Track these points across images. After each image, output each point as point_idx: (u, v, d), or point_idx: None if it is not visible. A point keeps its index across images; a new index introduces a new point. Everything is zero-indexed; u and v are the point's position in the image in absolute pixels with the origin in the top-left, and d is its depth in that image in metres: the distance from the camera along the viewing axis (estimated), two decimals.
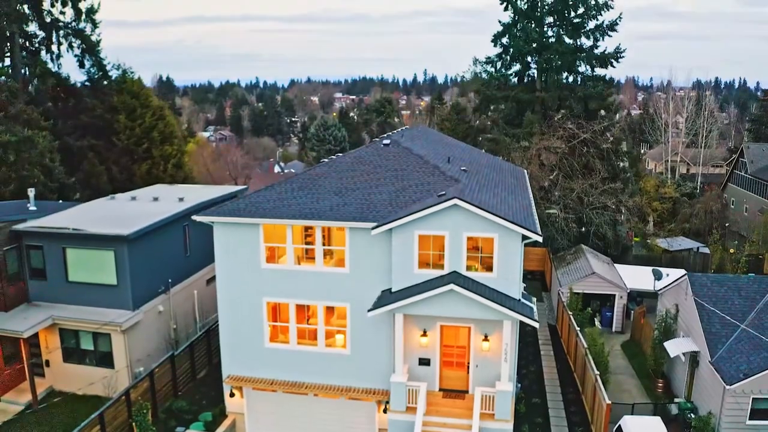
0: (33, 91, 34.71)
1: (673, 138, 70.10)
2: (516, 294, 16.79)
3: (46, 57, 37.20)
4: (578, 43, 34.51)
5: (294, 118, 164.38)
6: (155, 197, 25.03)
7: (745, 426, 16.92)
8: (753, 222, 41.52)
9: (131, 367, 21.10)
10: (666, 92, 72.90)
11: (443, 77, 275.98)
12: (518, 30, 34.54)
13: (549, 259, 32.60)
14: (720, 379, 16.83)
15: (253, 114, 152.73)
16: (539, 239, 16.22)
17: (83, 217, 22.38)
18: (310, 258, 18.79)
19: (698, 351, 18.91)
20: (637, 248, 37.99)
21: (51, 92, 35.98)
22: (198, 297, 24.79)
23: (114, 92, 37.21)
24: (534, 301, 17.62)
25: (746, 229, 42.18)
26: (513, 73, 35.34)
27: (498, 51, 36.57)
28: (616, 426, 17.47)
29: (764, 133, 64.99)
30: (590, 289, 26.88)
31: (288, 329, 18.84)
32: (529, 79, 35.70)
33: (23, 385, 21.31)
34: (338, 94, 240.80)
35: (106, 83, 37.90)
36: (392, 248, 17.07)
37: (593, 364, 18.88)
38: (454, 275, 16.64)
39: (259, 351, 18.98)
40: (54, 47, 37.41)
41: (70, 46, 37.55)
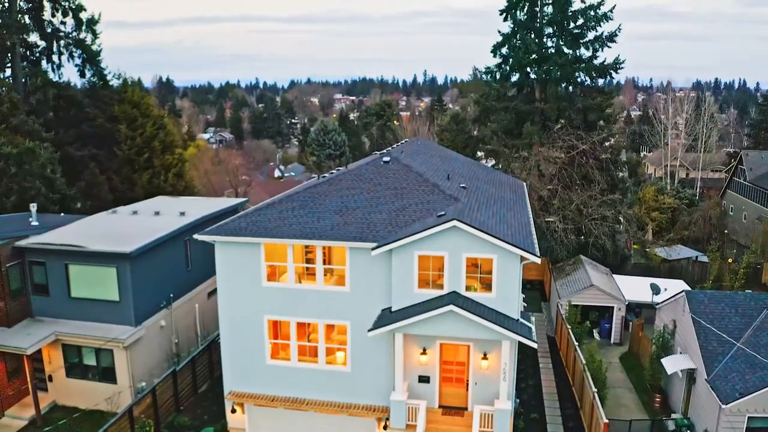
0: (34, 102, 34.82)
1: (673, 139, 70.27)
2: (515, 314, 16.95)
3: (47, 66, 37.43)
4: (577, 54, 34.67)
5: (294, 120, 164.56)
6: (156, 211, 25.17)
7: None
8: (752, 230, 41.70)
9: (133, 382, 21.27)
10: (666, 92, 72.97)
11: (443, 78, 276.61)
12: (518, 40, 34.69)
13: (548, 269, 32.79)
14: (716, 398, 17.00)
15: (253, 116, 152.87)
16: (537, 261, 16.39)
17: (85, 233, 22.54)
18: (311, 274, 18.99)
19: (695, 368, 19.08)
20: (636, 256, 38.14)
21: (52, 101, 36.08)
22: (199, 310, 24.96)
23: (115, 102, 37.36)
24: (533, 321, 17.79)
25: (745, 237, 42.34)
26: (512, 84, 35.43)
27: (497, 61, 36.72)
28: None
29: (764, 138, 65.15)
30: (589, 301, 27.07)
31: (289, 346, 19.04)
32: (529, 90, 35.84)
33: (26, 400, 21.48)
34: (338, 95, 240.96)
35: (107, 92, 38.03)
36: (392, 268, 17.24)
37: (591, 382, 19.06)
38: (454, 295, 16.81)
39: (261, 368, 19.16)
40: (55, 57, 37.64)
41: (71, 56, 37.73)
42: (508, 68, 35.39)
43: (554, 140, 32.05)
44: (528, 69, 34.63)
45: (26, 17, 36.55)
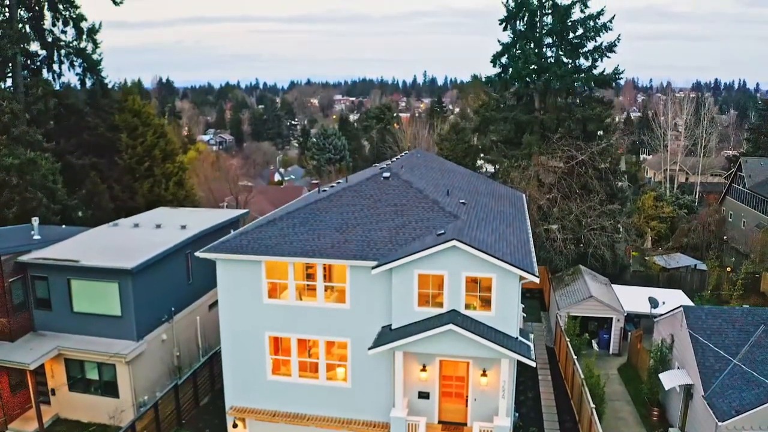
0: (35, 111, 34.92)
1: (673, 141, 70.40)
2: (514, 332, 17.10)
3: (48, 76, 37.54)
4: (577, 64, 34.83)
5: (294, 121, 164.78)
6: (158, 224, 25.32)
7: None
8: (751, 237, 41.82)
9: (135, 396, 21.43)
10: (665, 93, 73.22)
11: (443, 79, 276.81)
12: (517, 50, 34.84)
13: (548, 279, 32.94)
14: (712, 415, 17.15)
15: (253, 118, 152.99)
16: (536, 280, 16.55)
17: (87, 247, 22.70)
18: (312, 289, 19.15)
19: (692, 384, 19.23)
20: (635, 264, 38.31)
21: (53, 110, 36.18)
22: (200, 322, 25.11)
23: (115, 110, 37.49)
24: (531, 338, 17.93)
25: (744, 243, 42.49)
26: (512, 93, 35.51)
27: (497, 70, 36.82)
28: None
29: (763, 143, 65.28)
30: (588, 313, 27.23)
31: (290, 362, 19.20)
32: (528, 99, 35.96)
33: (29, 413, 21.64)
34: (338, 96, 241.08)
35: (107, 101, 38.14)
36: (392, 286, 17.40)
37: (589, 398, 19.21)
38: (453, 314, 16.97)
39: (262, 383, 19.33)
40: (55, 66, 37.75)
41: (72, 65, 37.84)
42: (508, 78, 35.52)
43: (554, 150, 32.21)
44: (527, 79, 34.76)
45: (26, 26, 36.67)
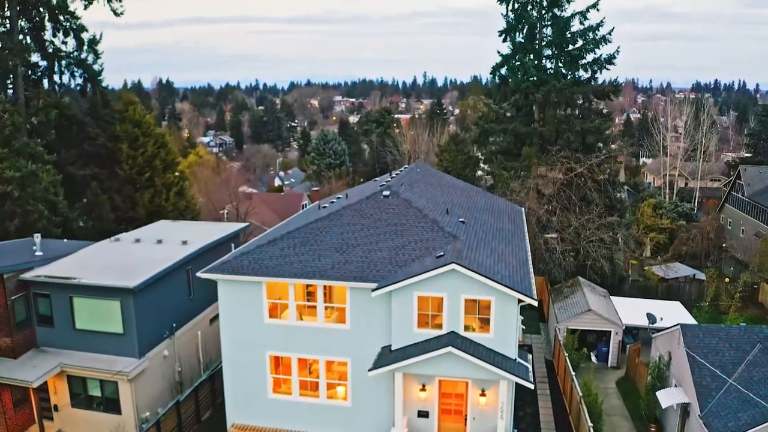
0: (36, 122, 35.05)
1: (673, 143, 70.52)
2: (512, 353, 17.28)
3: (48, 87, 37.58)
4: (576, 76, 34.99)
5: (294, 123, 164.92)
6: (159, 239, 25.46)
7: None
8: (750, 245, 41.99)
9: (138, 413, 21.59)
10: (665, 94, 73.49)
11: (443, 79, 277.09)
12: (516, 61, 34.98)
13: (547, 290, 33.10)
14: None
15: (253, 120, 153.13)
16: (534, 303, 16.72)
17: (88, 264, 22.85)
18: (312, 307, 19.32)
19: (689, 402, 19.40)
20: (634, 273, 38.48)
21: (54, 121, 36.26)
22: (201, 337, 25.25)
23: (116, 121, 37.61)
24: (530, 359, 18.10)
25: (743, 252, 42.66)
26: (511, 104, 35.60)
27: (497, 75, 36.87)
28: None
29: (762, 148, 65.48)
30: (586, 326, 27.41)
31: (290, 380, 19.38)
32: (528, 110, 36.08)
33: (33, 429, 21.84)
34: (338, 98, 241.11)
35: (108, 111, 38.24)
36: (392, 308, 17.58)
37: (587, 416, 19.38)
38: (452, 336, 17.14)
39: (263, 401, 19.52)
40: (56, 76, 37.84)
41: (72, 76, 37.96)
42: (508, 90, 35.64)
43: (553, 162, 32.37)
44: (527, 91, 34.87)
45: (27, 37, 36.76)
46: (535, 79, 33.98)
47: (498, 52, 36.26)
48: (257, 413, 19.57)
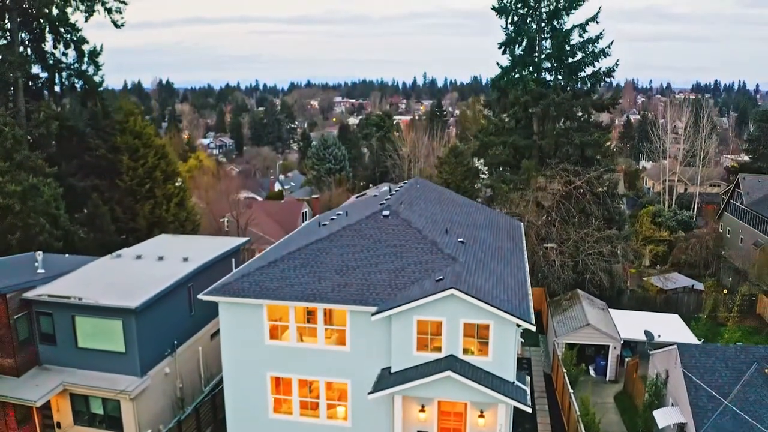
0: (37, 135, 35.17)
1: (672, 144, 70.60)
2: (510, 376, 17.45)
3: (49, 98, 37.73)
4: (575, 88, 35.11)
5: (294, 124, 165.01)
6: (160, 256, 25.61)
7: None
8: (748, 255, 42.13)
9: (140, 430, 21.77)
10: (665, 94, 73.81)
11: (443, 80, 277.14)
12: (515, 74, 35.10)
13: (546, 301, 33.24)
14: None
15: (253, 122, 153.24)
16: (532, 328, 16.88)
17: (90, 282, 23.01)
18: (312, 329, 19.47)
19: (685, 423, 19.58)
20: (633, 283, 38.61)
21: (55, 132, 36.39)
22: (202, 352, 25.43)
23: (117, 132, 37.75)
24: (528, 381, 18.26)
25: (741, 261, 42.80)
26: (511, 115, 35.69)
27: (497, 90, 37.03)
28: None
29: (762, 153, 65.64)
30: (585, 340, 27.56)
31: (291, 401, 19.55)
32: (527, 121, 36.19)
33: None
34: (338, 98, 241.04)
35: (108, 122, 38.36)
36: (392, 332, 17.74)
37: None
38: (451, 360, 17.30)
39: (264, 421, 19.69)
40: (56, 88, 37.96)
41: (73, 87, 38.07)
42: (507, 103, 35.74)
43: (552, 175, 32.50)
44: (526, 104, 34.99)
45: (28, 49, 36.90)
46: (534, 93, 34.06)
47: (497, 64, 36.44)
48: None
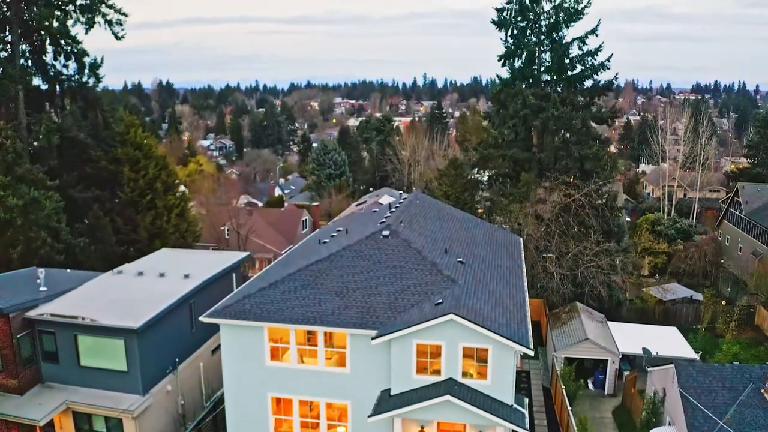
0: (38, 146, 35.27)
1: (672, 145, 70.78)
2: (509, 399, 17.63)
3: (50, 110, 37.81)
4: (575, 101, 35.24)
5: (294, 126, 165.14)
6: (161, 273, 25.76)
7: None
8: (747, 264, 42.28)
9: None
10: (665, 95, 74.14)
11: (443, 81, 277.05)
12: (515, 86, 35.22)
13: (545, 313, 33.42)
14: None
15: (254, 124, 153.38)
16: (531, 353, 17.06)
17: (92, 300, 23.18)
18: (312, 346, 19.66)
19: None
20: (632, 293, 38.77)
21: (56, 144, 36.47)
22: (203, 367, 25.60)
23: (117, 143, 37.86)
24: (526, 403, 18.44)
25: (740, 269, 42.97)
26: (510, 127, 35.77)
27: (497, 103, 37.14)
28: None
29: (761, 158, 65.81)
30: (583, 354, 27.75)
31: (292, 421, 19.74)
32: (526, 134, 36.33)
33: None
34: (338, 99, 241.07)
35: (109, 133, 38.45)
36: (391, 355, 17.93)
37: None
38: (451, 383, 17.48)
39: None
40: (57, 100, 38.02)
41: (73, 99, 38.14)
42: (507, 114, 35.87)
43: (552, 188, 32.66)
44: (525, 118, 35.14)
45: (29, 61, 36.97)
46: (534, 107, 34.18)
47: (497, 77, 36.55)
48: None
